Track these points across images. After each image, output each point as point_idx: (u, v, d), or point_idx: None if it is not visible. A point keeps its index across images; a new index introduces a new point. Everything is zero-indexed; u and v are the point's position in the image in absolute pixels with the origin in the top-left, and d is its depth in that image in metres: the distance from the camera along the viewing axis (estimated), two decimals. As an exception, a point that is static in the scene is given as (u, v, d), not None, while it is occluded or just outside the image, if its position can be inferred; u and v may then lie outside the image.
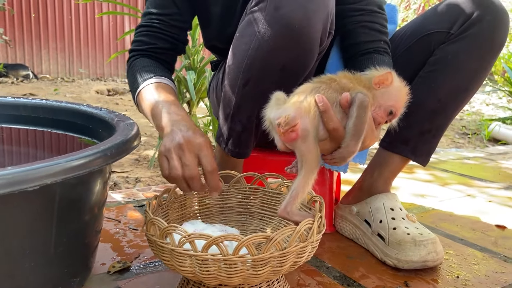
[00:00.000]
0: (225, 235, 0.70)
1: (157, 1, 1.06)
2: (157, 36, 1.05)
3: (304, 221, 0.74)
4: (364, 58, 1.00)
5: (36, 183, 0.58)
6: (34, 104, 1.13)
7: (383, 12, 1.04)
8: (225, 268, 0.70)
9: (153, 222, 0.76)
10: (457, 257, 1.11)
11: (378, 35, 1.01)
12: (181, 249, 0.72)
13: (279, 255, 0.72)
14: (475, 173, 2.03)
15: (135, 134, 0.83)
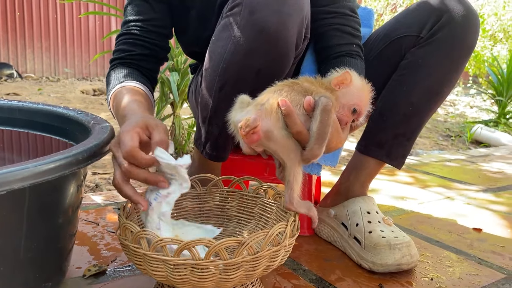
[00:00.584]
0: (196, 240, 0.70)
1: (135, 8, 1.06)
2: (135, 43, 1.05)
3: (277, 225, 0.75)
4: (336, 61, 1.01)
5: (3, 188, 0.58)
6: (10, 105, 1.12)
7: (355, 16, 1.05)
8: (197, 273, 0.71)
9: (126, 227, 0.76)
10: (433, 259, 1.12)
11: (350, 38, 1.03)
12: (153, 254, 0.72)
13: (252, 259, 0.72)
14: (455, 175, 2.06)
15: (108, 137, 0.83)
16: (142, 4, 1.05)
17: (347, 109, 0.82)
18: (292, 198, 0.80)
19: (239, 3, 0.82)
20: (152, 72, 1.09)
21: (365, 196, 1.15)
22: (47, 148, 1.08)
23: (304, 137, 0.75)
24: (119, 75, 1.02)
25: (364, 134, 1.17)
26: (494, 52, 5.95)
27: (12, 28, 5.81)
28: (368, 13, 1.19)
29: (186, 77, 2.22)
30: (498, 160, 2.49)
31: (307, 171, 1.13)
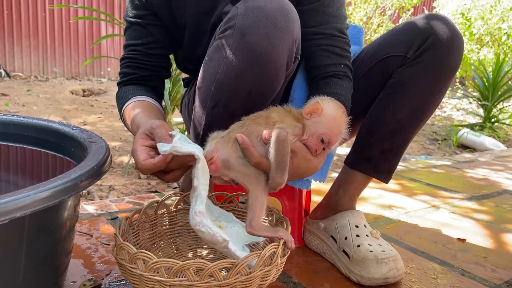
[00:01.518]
0: (191, 262, 0.72)
1: (133, 33, 1.11)
2: (137, 67, 1.11)
3: (269, 246, 0.78)
4: (322, 82, 1.04)
5: (6, 217, 0.60)
6: (4, 120, 1.13)
7: (343, 36, 1.07)
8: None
9: (123, 247, 0.78)
10: (418, 271, 1.16)
11: (337, 59, 1.05)
12: (149, 275, 0.74)
13: (245, 279, 0.75)
14: (441, 182, 2.11)
15: (105, 158, 0.85)
16: (139, 29, 1.10)
17: (316, 138, 0.86)
18: (253, 222, 0.82)
19: (231, 26, 0.85)
20: (157, 87, 1.15)
21: (353, 210, 1.18)
22: (42, 163, 1.10)
23: (265, 167, 0.80)
24: (127, 93, 1.08)
25: (353, 149, 1.21)
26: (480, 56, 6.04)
27: (-1, 27, 5.74)
28: (358, 31, 1.23)
29: (177, 84, 2.24)
30: (483, 166, 2.55)
31: (297, 186, 1.16)
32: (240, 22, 0.83)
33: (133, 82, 1.13)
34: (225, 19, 0.88)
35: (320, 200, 1.31)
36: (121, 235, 0.88)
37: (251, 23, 0.83)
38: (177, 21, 1.09)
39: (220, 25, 0.92)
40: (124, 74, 1.14)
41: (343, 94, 1.03)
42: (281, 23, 0.84)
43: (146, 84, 1.13)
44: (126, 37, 1.13)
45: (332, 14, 1.06)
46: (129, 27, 1.12)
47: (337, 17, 1.06)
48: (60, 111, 3.61)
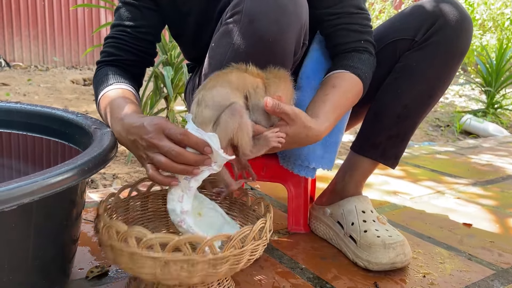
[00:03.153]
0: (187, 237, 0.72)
1: (125, 13, 1.06)
2: (123, 48, 1.06)
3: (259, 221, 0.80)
4: (341, 57, 1.03)
5: (14, 203, 0.59)
6: (8, 107, 1.12)
7: (362, 12, 1.05)
8: (187, 268, 0.73)
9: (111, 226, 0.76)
10: (425, 256, 1.16)
11: (357, 36, 1.04)
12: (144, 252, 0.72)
13: (238, 253, 0.76)
14: (445, 168, 2.10)
15: (111, 144, 0.84)
16: (133, 10, 1.05)
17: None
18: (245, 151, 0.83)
19: (238, 11, 0.83)
20: (138, 76, 1.10)
21: (360, 195, 1.18)
22: (47, 150, 1.09)
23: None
24: (108, 77, 1.01)
25: (359, 134, 1.20)
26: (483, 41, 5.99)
27: (-2, 16, 5.70)
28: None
29: (179, 71, 2.22)
30: (486, 152, 2.54)
31: (302, 174, 1.15)
32: (248, 7, 0.81)
33: (115, 64, 1.06)
34: (232, 3, 0.86)
35: (325, 186, 1.30)
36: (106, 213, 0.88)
37: (259, 8, 0.81)
38: (179, 7, 1.06)
39: (226, 10, 0.90)
40: (107, 53, 1.07)
41: (359, 67, 1.01)
42: (290, 8, 0.82)
43: (128, 69, 1.07)
44: (115, 17, 1.09)
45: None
46: (121, 7, 1.07)
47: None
48: (62, 101, 3.60)
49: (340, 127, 1.15)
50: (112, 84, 0.98)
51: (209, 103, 0.80)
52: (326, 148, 1.14)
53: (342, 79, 1.00)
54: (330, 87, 0.98)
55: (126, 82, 1.01)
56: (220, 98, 0.79)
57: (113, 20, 1.10)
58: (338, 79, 1.00)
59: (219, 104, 0.79)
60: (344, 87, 0.99)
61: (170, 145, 0.76)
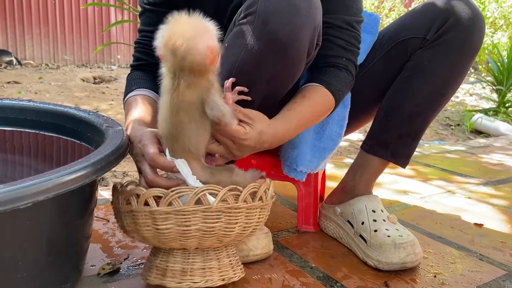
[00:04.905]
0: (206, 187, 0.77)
1: (146, 19, 1.10)
2: (148, 53, 1.09)
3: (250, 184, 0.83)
4: (319, 70, 1.02)
5: (29, 200, 0.60)
6: (21, 106, 1.13)
7: (352, 30, 1.02)
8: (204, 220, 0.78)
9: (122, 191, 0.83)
10: (435, 255, 1.16)
11: (340, 52, 1.02)
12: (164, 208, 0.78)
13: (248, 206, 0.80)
14: (455, 167, 2.08)
15: (124, 142, 0.85)
16: (153, 16, 1.08)
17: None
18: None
19: (252, 12, 0.83)
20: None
21: (370, 194, 1.18)
22: (59, 148, 1.10)
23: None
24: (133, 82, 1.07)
25: (369, 134, 1.19)
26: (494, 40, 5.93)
27: (10, 14, 5.75)
28: (374, 20, 1.18)
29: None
30: (498, 151, 2.51)
31: (292, 176, 1.18)
32: (262, 8, 0.81)
33: (142, 68, 1.12)
34: (245, 4, 0.85)
35: (334, 185, 1.30)
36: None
37: (273, 10, 0.80)
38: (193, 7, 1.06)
39: (239, 10, 0.90)
40: (135, 58, 1.14)
41: (334, 84, 1.00)
42: (304, 9, 0.81)
43: (153, 72, 1.09)
44: (140, 22, 1.13)
45: (343, 4, 1.01)
46: (143, 13, 1.11)
47: (349, 8, 1.02)
48: (72, 98, 3.62)
49: (330, 133, 1.16)
50: (133, 90, 1.05)
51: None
52: (314, 153, 1.16)
53: (314, 92, 0.99)
54: (301, 97, 0.98)
55: (147, 87, 1.06)
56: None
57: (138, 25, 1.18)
58: (310, 91, 0.99)
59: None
60: (314, 100, 0.98)
61: (146, 171, 0.83)
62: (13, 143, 1.13)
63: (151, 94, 1.05)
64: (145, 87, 1.05)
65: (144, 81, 1.07)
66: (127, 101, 1.04)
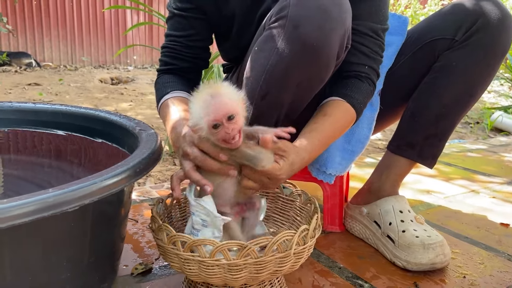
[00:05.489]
0: (231, 242, 0.76)
1: (175, 24, 1.11)
2: (177, 57, 1.11)
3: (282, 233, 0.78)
4: (341, 82, 1.01)
5: (76, 204, 0.62)
6: (54, 109, 1.16)
7: (376, 37, 1.02)
8: (229, 270, 0.76)
9: (161, 229, 0.81)
10: (463, 256, 1.16)
11: (363, 59, 1.01)
12: (188, 255, 0.77)
13: (254, 262, 0.77)
14: (478, 167, 2.07)
15: (158, 145, 0.87)
16: (181, 21, 1.09)
17: (212, 132, 0.79)
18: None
19: (283, 16, 0.84)
20: (194, 80, 1.14)
21: (397, 195, 1.18)
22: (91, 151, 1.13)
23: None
24: (166, 86, 1.07)
25: (396, 134, 1.20)
26: None
27: (29, 17, 5.86)
28: (403, 22, 1.18)
29: (209, 71, 2.25)
30: (520, 149, 2.48)
31: (320, 178, 1.19)
32: (293, 12, 0.82)
33: (172, 72, 1.13)
34: (275, 9, 0.86)
35: (355, 185, 1.30)
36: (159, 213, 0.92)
37: (304, 14, 0.81)
38: (223, 12, 1.08)
39: (269, 15, 0.91)
40: (164, 62, 1.14)
41: (355, 98, 0.99)
42: (334, 13, 0.82)
43: (184, 76, 1.13)
44: (168, 27, 1.14)
45: (369, 11, 1.00)
46: (171, 18, 1.12)
47: (375, 16, 1.01)
48: (92, 100, 3.68)
49: (359, 136, 1.16)
50: (169, 92, 1.05)
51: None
52: (344, 156, 1.17)
53: (335, 107, 0.98)
54: (322, 115, 0.97)
55: (182, 89, 1.06)
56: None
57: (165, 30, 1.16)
58: (331, 108, 0.98)
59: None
60: (335, 116, 0.97)
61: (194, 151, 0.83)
62: (49, 145, 1.16)
63: (187, 96, 1.06)
64: (179, 89, 1.06)
65: (177, 83, 1.08)
66: (164, 103, 1.04)
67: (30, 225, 0.58)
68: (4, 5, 5.62)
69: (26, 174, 1.10)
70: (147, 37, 6.71)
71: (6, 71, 5.00)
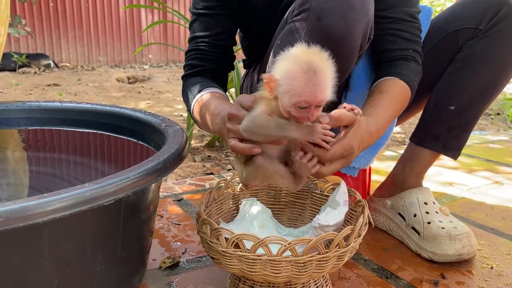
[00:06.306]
0: (272, 237, 0.75)
1: (201, 25, 1.10)
2: (205, 58, 1.10)
3: (347, 228, 0.79)
4: (387, 65, 1.01)
5: (111, 198, 0.64)
6: (80, 108, 1.19)
7: (414, 21, 1.02)
8: (270, 267, 0.76)
9: (204, 222, 0.81)
10: (490, 247, 1.15)
11: (405, 44, 1.01)
12: (230, 250, 0.77)
13: (320, 258, 0.76)
14: (500, 158, 2.04)
15: (185, 141, 0.88)
16: (207, 20, 1.09)
17: (294, 108, 0.71)
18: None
19: (306, 9, 0.84)
20: (222, 82, 1.13)
21: (421, 187, 1.18)
22: (118, 148, 1.15)
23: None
24: (197, 85, 1.05)
25: (419, 126, 1.19)
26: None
27: (46, 19, 5.95)
28: (427, 12, 1.17)
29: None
30: (543, 140, 2.44)
31: (344, 172, 1.18)
32: (316, 4, 0.82)
33: (200, 74, 1.11)
34: (298, 2, 0.86)
35: (376, 178, 1.30)
36: (205, 206, 0.92)
37: (327, 6, 0.81)
38: (246, 8, 1.08)
39: (291, 8, 0.91)
40: (190, 66, 1.12)
41: (407, 74, 0.99)
42: (357, 4, 0.82)
43: (212, 77, 1.11)
44: (192, 30, 1.13)
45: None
46: (196, 19, 1.11)
47: (408, 0, 1.02)
48: (110, 99, 3.73)
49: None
50: (203, 90, 1.03)
51: None
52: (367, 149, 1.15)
53: (389, 85, 0.98)
54: (378, 93, 0.96)
55: (215, 86, 1.05)
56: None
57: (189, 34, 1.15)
58: (385, 86, 0.98)
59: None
60: (391, 92, 0.96)
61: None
62: (75, 143, 1.19)
63: (222, 92, 1.04)
64: (212, 87, 1.04)
65: (209, 82, 1.06)
66: (199, 99, 1.00)
67: (69, 219, 0.60)
68: (22, 8, 5.73)
69: (55, 171, 1.13)
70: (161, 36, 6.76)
71: (26, 72, 5.10)
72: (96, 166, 1.17)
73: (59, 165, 1.15)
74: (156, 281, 0.97)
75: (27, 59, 5.38)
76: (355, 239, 0.81)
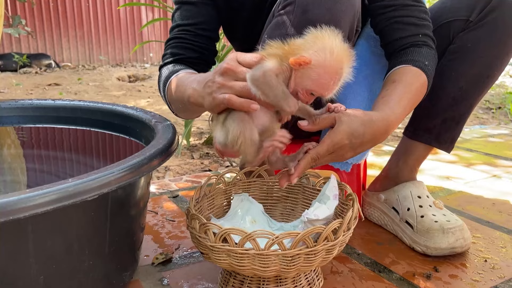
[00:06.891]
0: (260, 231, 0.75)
1: (183, 13, 1.08)
2: (185, 47, 1.08)
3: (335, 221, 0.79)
4: (401, 53, 0.98)
5: (95, 193, 0.64)
6: (73, 105, 1.19)
7: (418, 4, 0.99)
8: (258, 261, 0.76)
9: (193, 217, 0.82)
10: (485, 240, 1.14)
11: (414, 29, 0.98)
12: (218, 245, 0.77)
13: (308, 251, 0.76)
14: (499, 151, 2.03)
15: (174, 136, 0.88)
16: (191, 9, 1.07)
17: (304, 90, 0.74)
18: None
19: (291, 2, 0.84)
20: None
21: (415, 180, 1.17)
22: (110, 144, 1.15)
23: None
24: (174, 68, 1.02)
25: (412, 119, 1.19)
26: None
27: (46, 19, 5.96)
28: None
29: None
30: (544, 133, 2.42)
31: (337, 167, 1.17)
32: None
33: (179, 61, 1.07)
34: None
35: (373, 173, 1.30)
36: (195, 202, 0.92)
37: None
38: (231, 3, 1.08)
39: (278, 2, 0.91)
40: (170, 54, 1.08)
41: (419, 60, 0.95)
42: None
43: (192, 67, 1.08)
44: (173, 20, 1.11)
45: None
46: (179, 8, 1.10)
47: None
48: (110, 98, 3.74)
49: None
50: (179, 70, 0.99)
51: None
52: None
53: (402, 73, 0.94)
54: (390, 83, 0.93)
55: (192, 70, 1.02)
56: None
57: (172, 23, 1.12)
58: (398, 75, 0.95)
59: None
60: (405, 80, 0.92)
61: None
62: (68, 140, 1.19)
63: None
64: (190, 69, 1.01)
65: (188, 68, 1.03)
66: (172, 80, 0.97)
67: (53, 214, 0.60)
68: (23, 8, 5.74)
69: (49, 168, 1.13)
70: (162, 34, 6.76)
71: (27, 72, 5.11)
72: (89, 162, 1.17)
73: (52, 162, 1.16)
74: (148, 277, 0.97)
75: (28, 59, 5.40)
76: (344, 232, 0.81)
